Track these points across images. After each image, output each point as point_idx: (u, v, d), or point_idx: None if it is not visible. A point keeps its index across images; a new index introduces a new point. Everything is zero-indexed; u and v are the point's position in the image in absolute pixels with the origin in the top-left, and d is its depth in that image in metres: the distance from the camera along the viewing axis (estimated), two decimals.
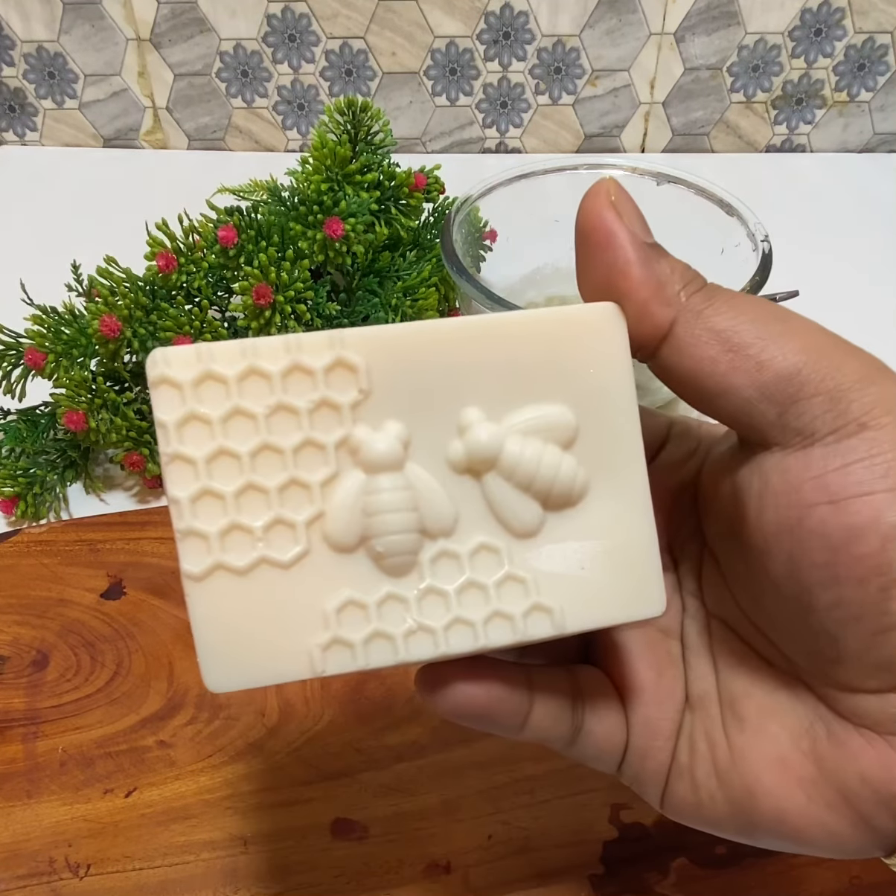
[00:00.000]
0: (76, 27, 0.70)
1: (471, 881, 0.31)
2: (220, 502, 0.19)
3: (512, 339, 0.20)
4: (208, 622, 0.19)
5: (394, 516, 0.19)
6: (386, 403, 0.19)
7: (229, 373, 0.18)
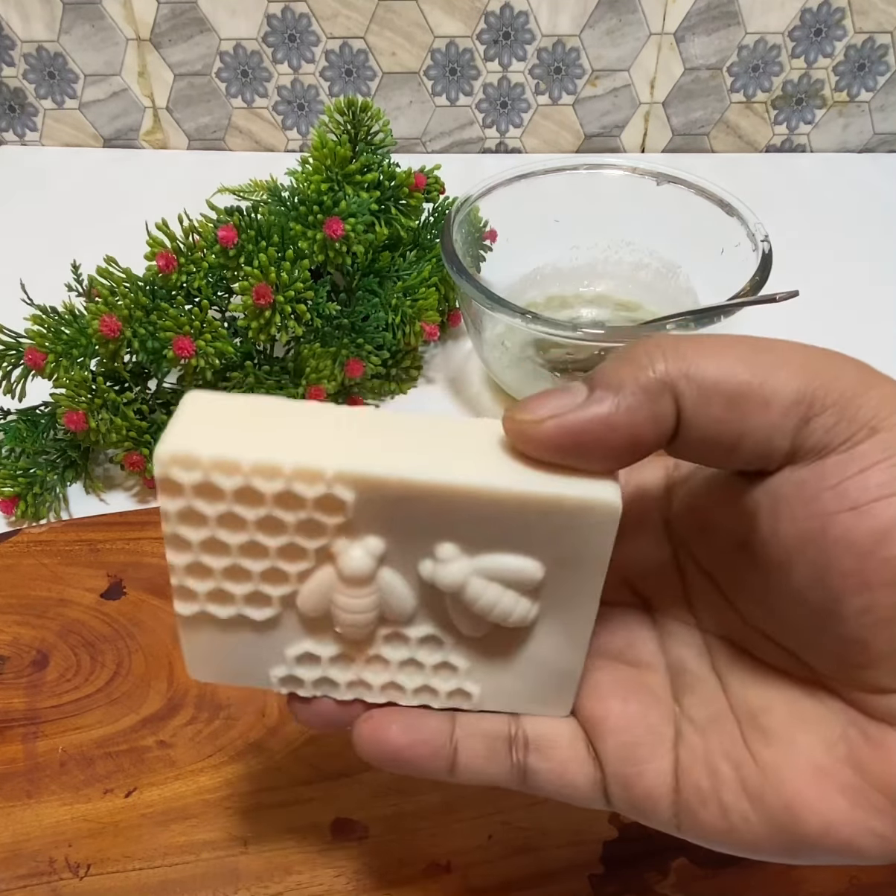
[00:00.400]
0: (76, 27, 0.70)
1: (471, 881, 0.31)
2: (209, 573, 0.22)
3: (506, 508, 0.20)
4: (193, 650, 0.23)
5: (356, 616, 0.22)
6: (369, 523, 0.21)
7: (227, 485, 0.20)
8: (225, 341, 0.44)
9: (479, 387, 0.54)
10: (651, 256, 0.56)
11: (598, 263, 0.57)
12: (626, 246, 0.57)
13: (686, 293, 0.54)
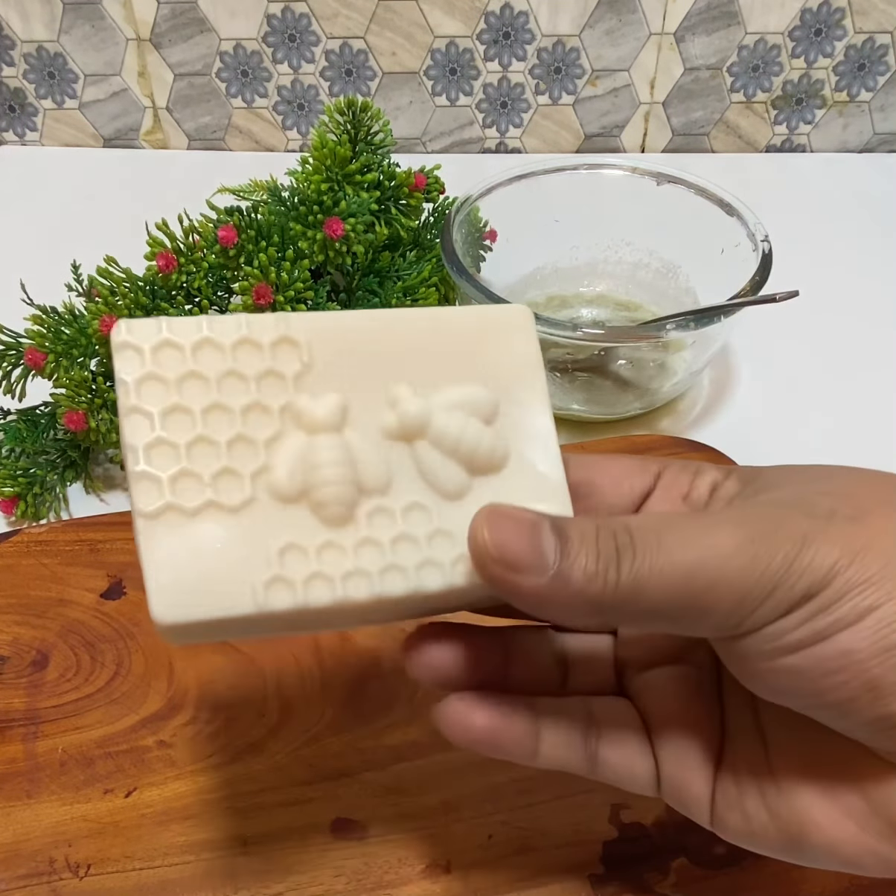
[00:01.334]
0: (76, 27, 0.70)
1: (471, 881, 0.31)
2: (172, 451, 0.20)
3: (439, 330, 0.23)
4: (158, 558, 0.20)
5: (331, 469, 0.21)
6: (325, 377, 0.22)
7: (186, 342, 0.21)
8: None
9: None
10: (651, 256, 0.56)
11: (598, 263, 0.57)
12: (626, 246, 0.57)
13: (686, 293, 0.54)
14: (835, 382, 0.54)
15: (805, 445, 0.49)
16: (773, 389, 0.53)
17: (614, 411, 0.50)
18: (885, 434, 0.50)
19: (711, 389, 0.54)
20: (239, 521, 0.21)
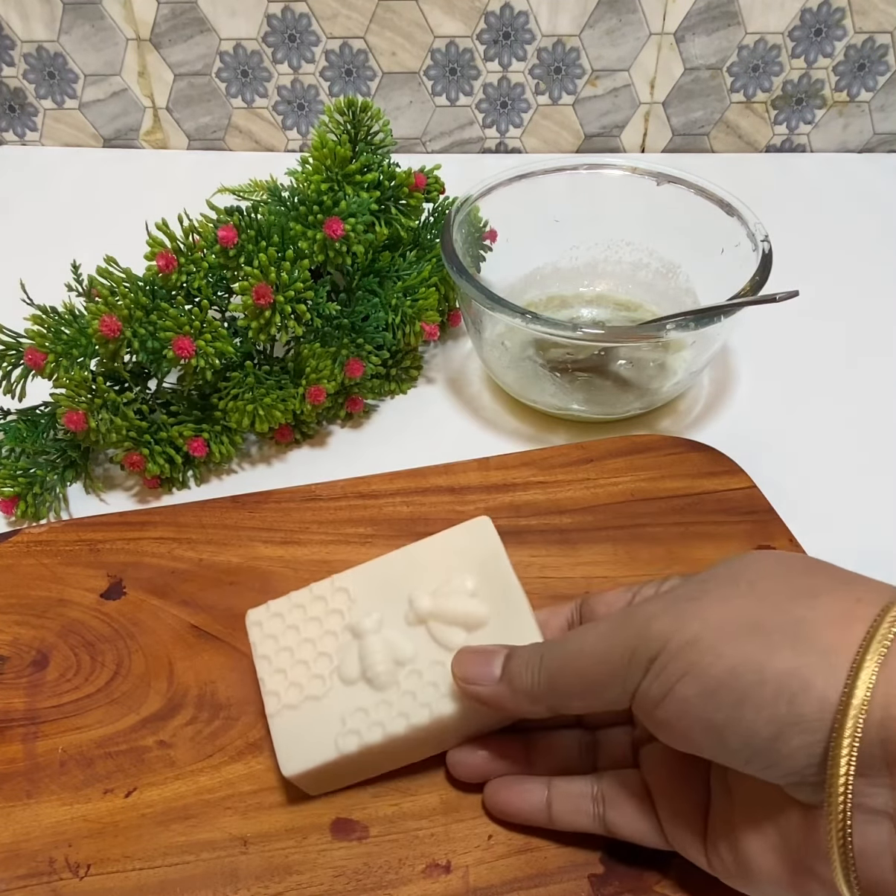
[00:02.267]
0: (76, 27, 0.70)
1: (471, 881, 0.31)
2: (282, 675, 0.33)
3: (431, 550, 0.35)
4: (281, 735, 0.32)
5: (376, 655, 0.33)
6: (368, 603, 0.34)
7: (283, 610, 0.35)
8: (225, 341, 0.44)
9: (479, 387, 0.54)
10: (651, 256, 0.56)
11: (598, 263, 0.57)
12: (626, 246, 0.57)
13: (686, 293, 0.54)
14: (835, 382, 0.54)
15: (805, 445, 0.49)
16: (773, 389, 0.53)
17: (614, 411, 0.50)
18: (885, 433, 0.50)
19: (711, 389, 0.54)
20: (323, 703, 0.32)
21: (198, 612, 0.39)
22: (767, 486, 0.43)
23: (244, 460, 0.49)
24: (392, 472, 0.45)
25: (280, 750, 0.32)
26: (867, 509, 0.45)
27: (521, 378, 0.51)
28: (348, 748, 0.31)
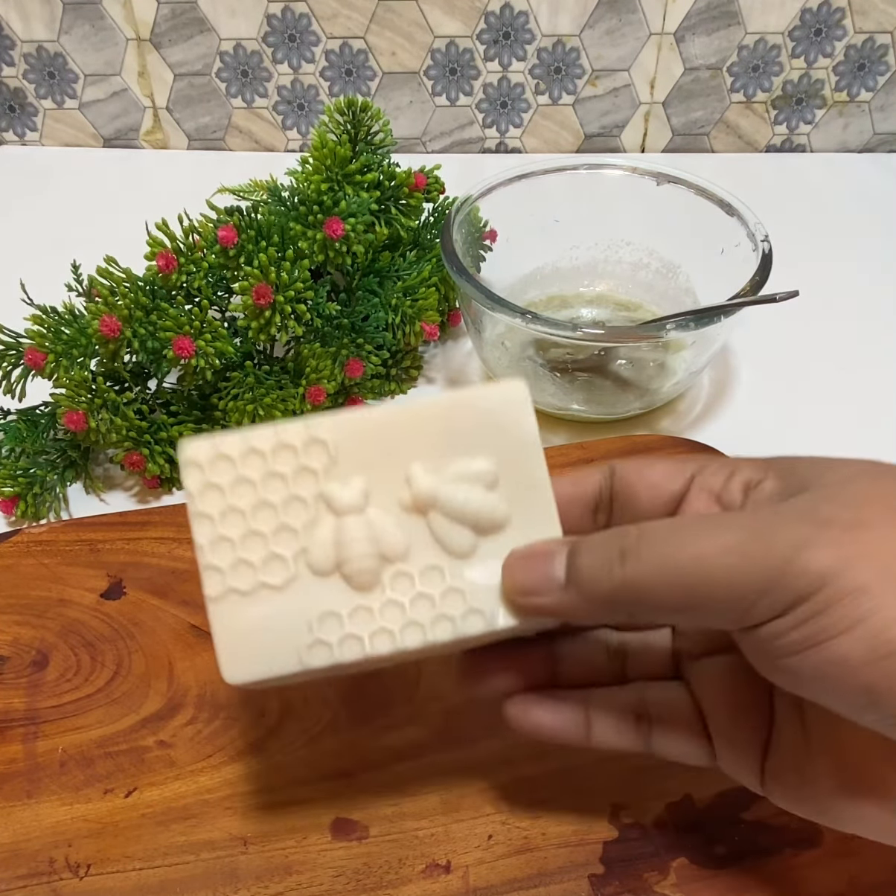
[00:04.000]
0: (76, 27, 0.70)
1: (471, 881, 0.31)
2: (229, 545, 0.25)
3: (446, 412, 0.26)
4: (224, 632, 0.25)
5: (358, 546, 0.25)
6: (349, 467, 0.26)
7: (234, 453, 0.25)
8: (225, 341, 0.44)
9: None
10: (651, 256, 0.56)
11: (598, 263, 0.57)
12: (626, 246, 0.57)
13: (686, 293, 0.54)
14: (835, 382, 0.54)
15: (805, 445, 0.49)
16: (773, 389, 0.53)
17: (614, 411, 0.50)
18: (885, 433, 0.50)
19: (711, 389, 0.54)
20: (285, 595, 0.25)
21: (198, 612, 0.39)
22: None
23: None
24: None
25: (223, 649, 0.25)
26: None
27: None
28: (316, 663, 0.25)
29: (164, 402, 0.47)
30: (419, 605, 0.25)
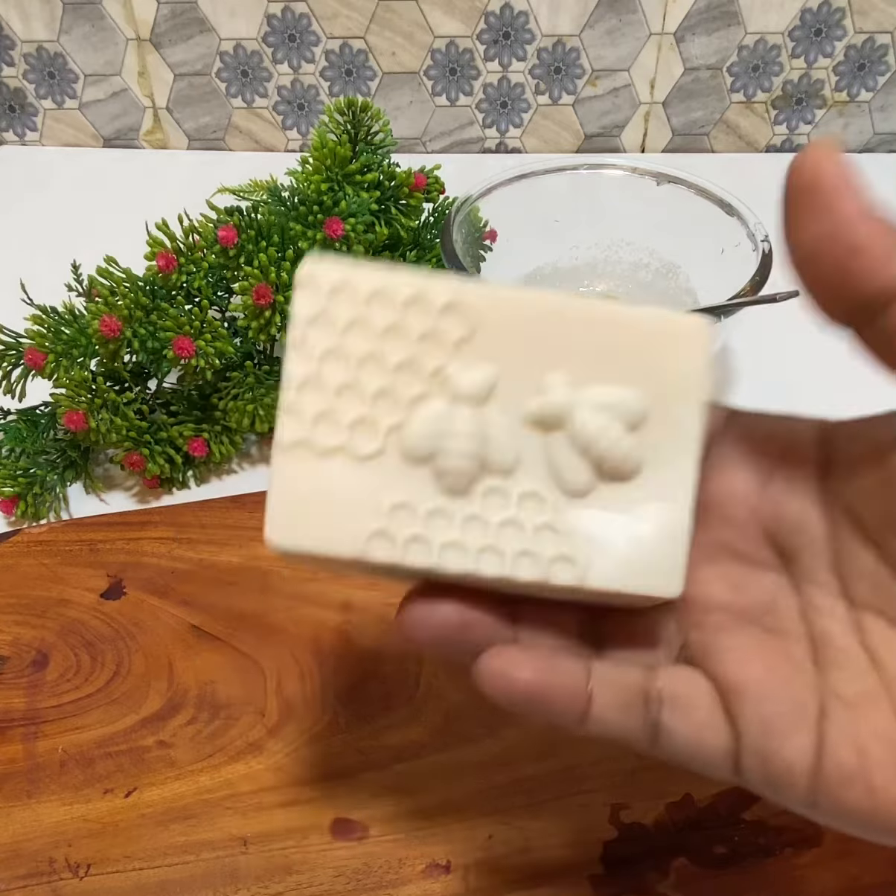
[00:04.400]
0: (76, 27, 0.70)
1: (471, 881, 0.31)
2: (322, 391, 0.21)
3: (610, 325, 0.22)
4: (282, 487, 0.21)
5: (462, 441, 0.21)
6: (485, 349, 0.22)
7: (363, 287, 0.21)
8: (225, 341, 0.44)
9: None
10: (651, 256, 0.56)
11: (598, 263, 0.57)
12: (626, 246, 0.57)
13: (686, 293, 0.54)
14: (835, 382, 0.54)
15: None
16: (773, 389, 0.53)
17: None
18: None
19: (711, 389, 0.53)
20: (364, 470, 0.22)
21: (198, 612, 0.39)
22: None
23: (244, 460, 0.49)
24: None
25: (276, 504, 0.22)
26: None
27: None
28: (375, 556, 0.22)
29: (164, 402, 0.47)
30: (507, 531, 0.22)
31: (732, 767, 0.22)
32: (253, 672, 0.37)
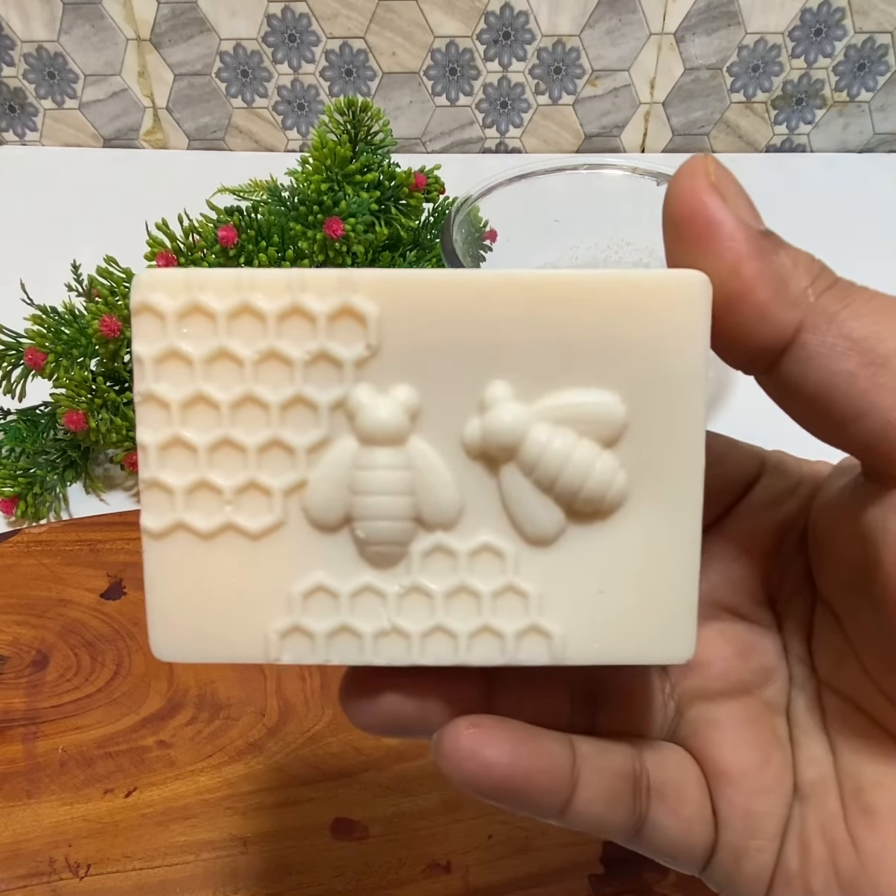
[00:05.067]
0: (76, 27, 0.70)
1: (471, 881, 0.31)
2: (191, 454, 0.17)
3: (564, 304, 0.16)
4: (163, 585, 0.17)
5: (385, 499, 0.16)
6: (398, 363, 0.16)
7: (219, 307, 0.16)
8: None
9: None
10: (651, 256, 0.56)
11: (598, 263, 0.57)
12: (626, 246, 0.57)
13: None
14: None
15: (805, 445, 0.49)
16: None
17: None
18: None
19: (711, 389, 0.53)
20: (261, 550, 0.17)
21: None
22: None
23: None
24: None
25: (157, 609, 0.18)
26: None
27: None
28: (287, 658, 0.17)
29: None
30: (458, 602, 0.17)
31: (702, 864, 0.19)
32: (253, 672, 0.37)
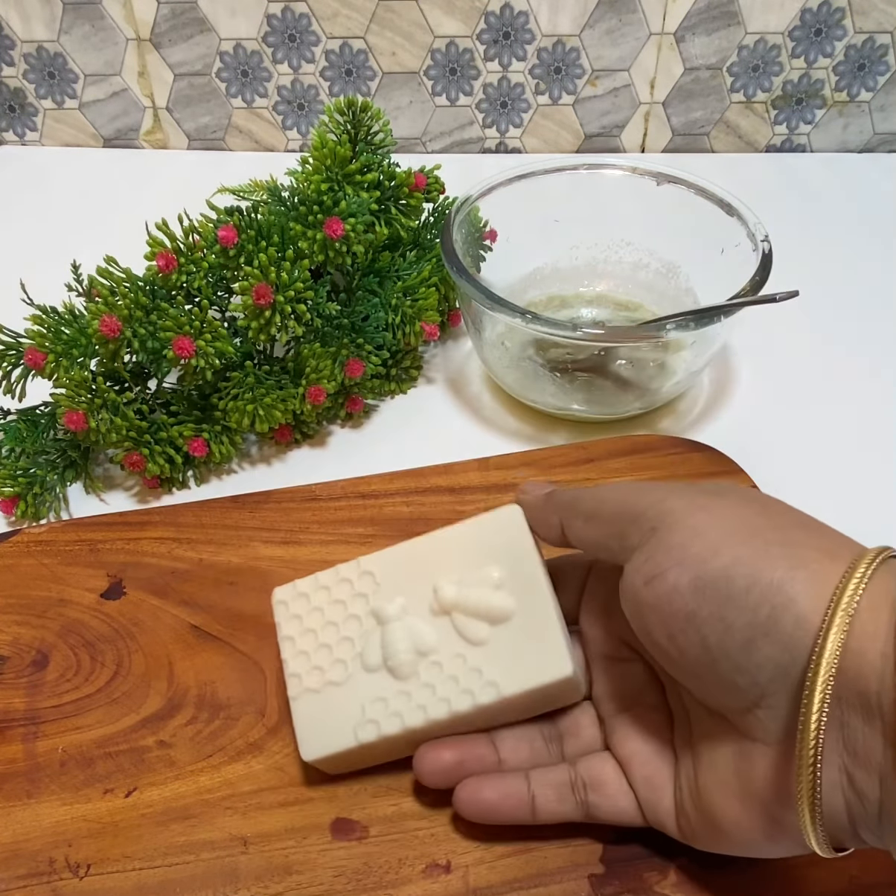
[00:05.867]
0: (76, 27, 0.70)
1: (471, 881, 0.31)
2: (305, 657, 0.33)
3: (458, 538, 0.34)
4: (302, 721, 0.32)
5: (399, 644, 0.32)
6: (391, 587, 0.34)
7: (308, 590, 0.35)
8: (225, 341, 0.44)
9: (479, 387, 0.54)
10: (651, 256, 0.56)
11: (598, 263, 0.57)
12: (626, 246, 0.57)
13: (686, 293, 0.54)
14: (835, 382, 0.54)
15: (805, 445, 0.49)
16: (773, 389, 0.53)
17: (614, 411, 0.50)
18: (885, 433, 0.50)
19: (711, 389, 0.54)
20: (344, 689, 0.33)
21: (198, 612, 0.39)
22: (767, 486, 0.43)
23: (244, 460, 0.49)
24: (392, 473, 0.45)
25: (301, 734, 0.32)
26: (867, 510, 0.45)
27: (521, 378, 0.51)
28: (366, 738, 0.31)
29: (164, 402, 0.47)
30: (447, 685, 0.32)
31: (642, 819, 0.30)
32: (253, 672, 0.37)
